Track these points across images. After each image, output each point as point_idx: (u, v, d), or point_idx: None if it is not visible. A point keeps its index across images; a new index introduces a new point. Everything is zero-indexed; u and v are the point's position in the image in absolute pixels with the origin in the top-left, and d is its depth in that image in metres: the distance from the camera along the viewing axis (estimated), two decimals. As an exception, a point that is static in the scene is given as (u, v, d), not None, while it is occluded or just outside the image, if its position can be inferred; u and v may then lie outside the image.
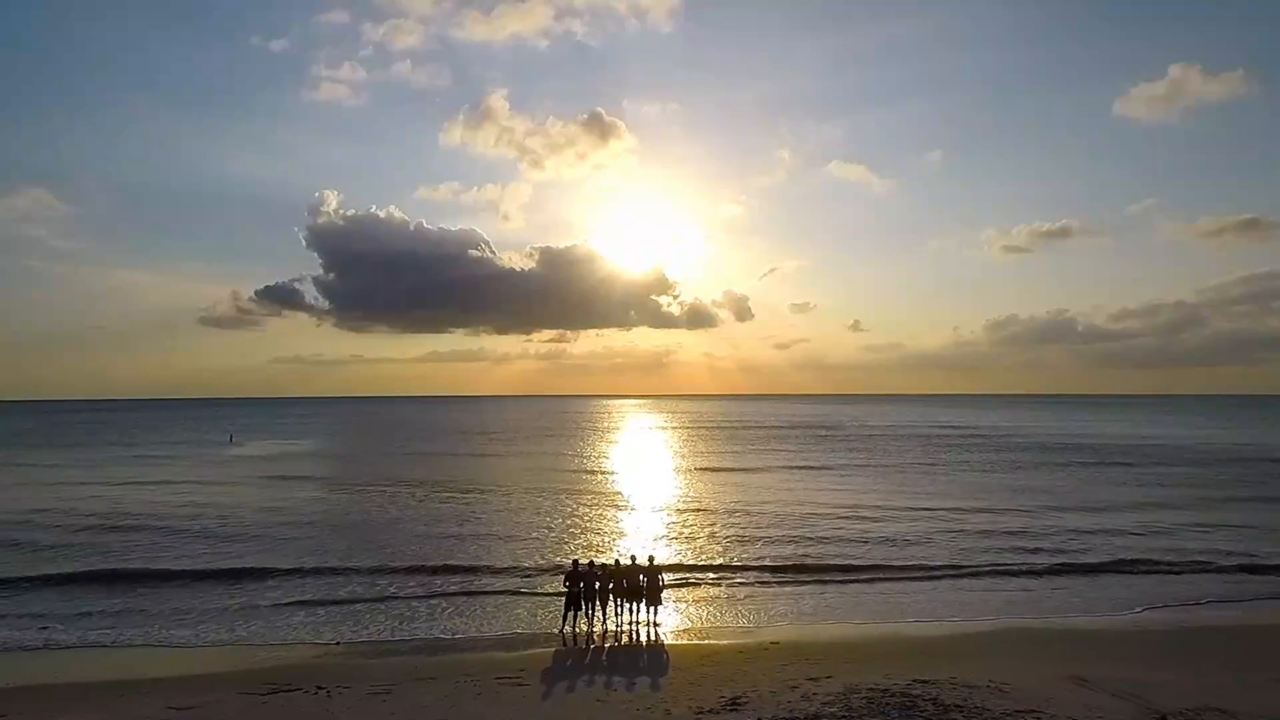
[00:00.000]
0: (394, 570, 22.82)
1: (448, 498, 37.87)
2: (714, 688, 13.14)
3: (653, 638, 16.64)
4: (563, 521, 30.67)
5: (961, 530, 28.54)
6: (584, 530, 29.35)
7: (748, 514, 32.36)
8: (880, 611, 19.02)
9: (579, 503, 36.26)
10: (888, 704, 11.93)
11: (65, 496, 38.30)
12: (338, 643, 16.84)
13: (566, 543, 26.95)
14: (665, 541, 27.08)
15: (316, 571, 22.63)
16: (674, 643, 16.48)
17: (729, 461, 56.88)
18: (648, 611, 17.16)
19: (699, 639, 16.94)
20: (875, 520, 30.54)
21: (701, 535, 28.19)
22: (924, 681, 13.00)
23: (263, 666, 14.99)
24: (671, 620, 18.14)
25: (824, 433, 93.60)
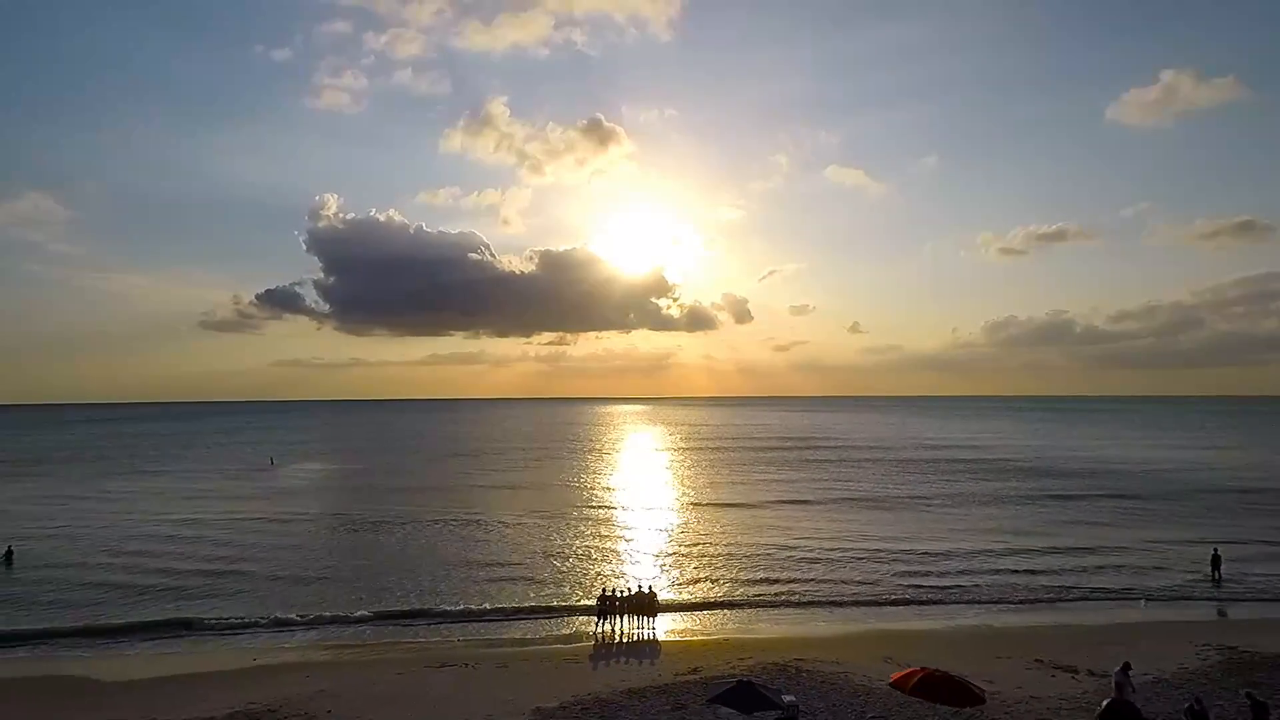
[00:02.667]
0: (474, 604, 32.97)
1: (484, 537, 48.68)
2: (685, 663, 24.35)
3: (650, 636, 27.83)
4: (586, 564, 40.90)
5: (884, 564, 39.37)
6: (603, 569, 40.46)
7: (723, 552, 43.40)
8: (793, 623, 30.28)
9: (594, 540, 47.39)
10: (773, 669, 23.13)
11: (167, 537, 48.34)
12: (460, 639, 28.08)
13: (593, 571, 38.20)
14: (659, 575, 38.31)
15: (420, 610, 32.31)
16: (663, 639, 27.74)
17: (714, 495, 67.66)
18: (648, 621, 28.37)
19: (678, 637, 28.25)
20: (817, 560, 41.21)
21: (686, 571, 39.42)
22: (799, 659, 24.20)
23: (425, 654, 26.22)
24: (662, 626, 29.32)
25: (807, 454, 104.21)
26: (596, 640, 27.65)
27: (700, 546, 44.83)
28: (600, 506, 61.35)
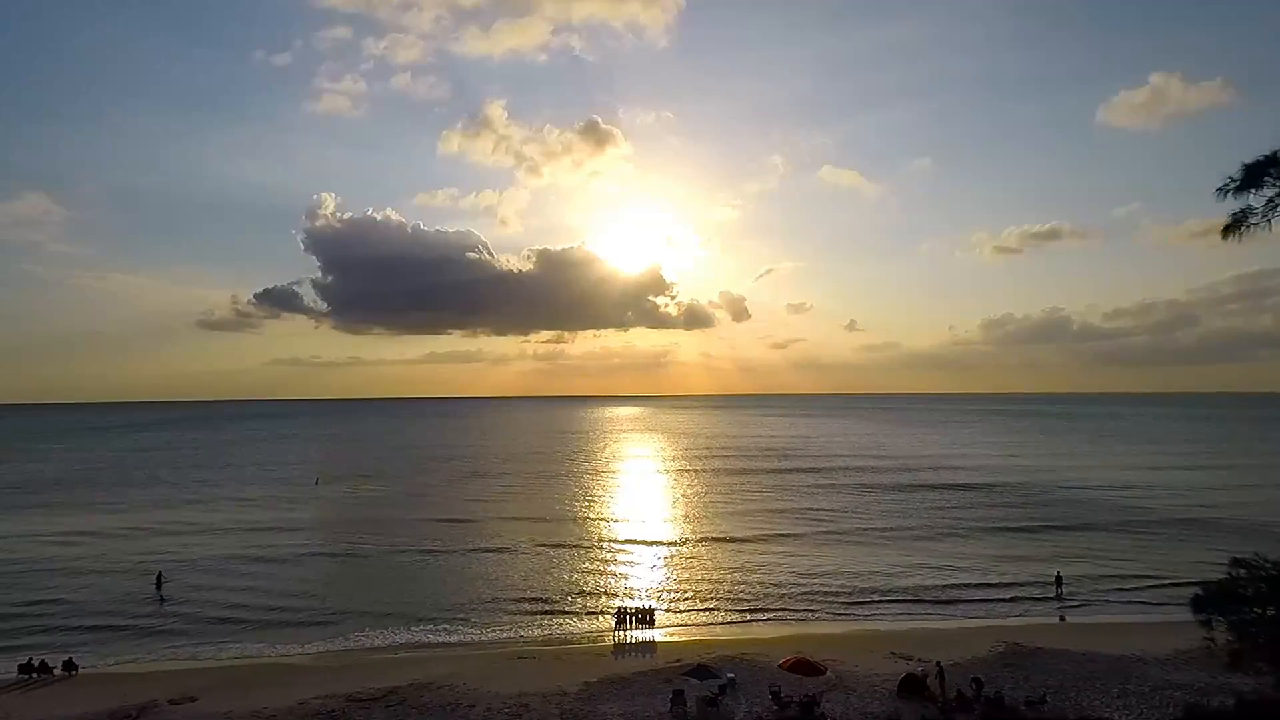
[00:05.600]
0: (527, 625, 49.01)
1: (521, 569, 64.23)
2: (672, 656, 39.89)
3: (651, 639, 43.31)
4: (603, 593, 56.76)
5: (822, 591, 54.85)
6: (616, 594, 56.04)
7: (706, 582, 59.01)
8: (745, 630, 45.81)
9: (605, 574, 63.00)
10: (725, 659, 38.59)
11: (260, 574, 63.85)
12: (523, 643, 43.62)
13: (609, 596, 53.72)
14: (657, 598, 53.86)
15: (492, 640, 48.72)
16: (659, 640, 43.31)
17: (703, 529, 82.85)
18: (649, 629, 43.93)
19: (668, 639, 43.80)
20: (772, 589, 56.82)
21: (676, 595, 54.97)
22: (743, 653, 39.68)
23: (504, 650, 41.80)
24: (659, 633, 44.78)
25: (790, 478, 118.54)
26: (615, 641, 43.23)
27: (687, 576, 60.33)
28: (608, 540, 76.47)
